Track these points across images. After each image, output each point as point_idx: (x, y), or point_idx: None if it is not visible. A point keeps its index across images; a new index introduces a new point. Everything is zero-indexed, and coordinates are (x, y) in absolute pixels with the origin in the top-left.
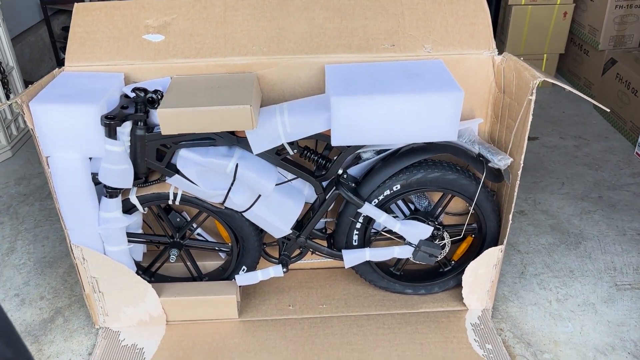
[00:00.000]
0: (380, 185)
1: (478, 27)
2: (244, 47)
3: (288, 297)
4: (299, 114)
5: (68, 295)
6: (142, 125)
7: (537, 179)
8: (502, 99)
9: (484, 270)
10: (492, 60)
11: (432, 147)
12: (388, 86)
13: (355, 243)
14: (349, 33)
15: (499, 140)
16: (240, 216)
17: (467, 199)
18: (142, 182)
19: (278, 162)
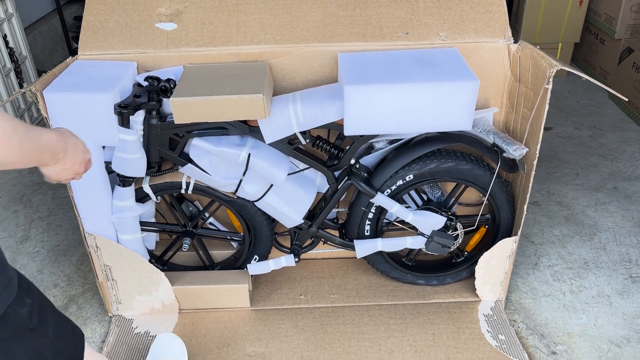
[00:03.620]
0: (393, 175)
1: (493, 14)
2: (256, 35)
3: (300, 287)
4: (311, 103)
5: (81, 283)
6: (155, 114)
7: (551, 169)
8: (517, 87)
9: (498, 262)
10: (508, 49)
11: (446, 137)
12: (402, 75)
13: (367, 233)
14: (363, 21)
15: (514, 129)
16: (252, 205)
17: (481, 190)
18: (155, 171)
19: (290, 152)
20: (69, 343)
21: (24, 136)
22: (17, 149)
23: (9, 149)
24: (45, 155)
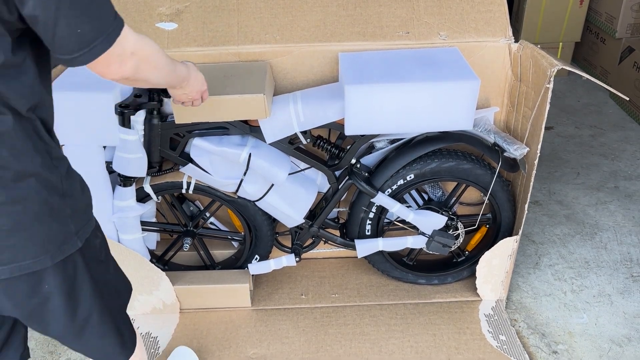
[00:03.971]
0: (393, 175)
1: (494, 14)
2: (257, 35)
3: (300, 287)
4: (312, 102)
5: None
6: (156, 114)
7: (552, 168)
8: (518, 87)
9: (498, 261)
10: (509, 48)
11: (447, 136)
12: (403, 74)
13: (368, 233)
14: (363, 20)
15: (515, 129)
16: (253, 205)
17: (481, 189)
18: (155, 171)
19: (291, 152)
20: (122, 288)
21: (171, 65)
22: (166, 75)
23: (163, 75)
24: (177, 80)
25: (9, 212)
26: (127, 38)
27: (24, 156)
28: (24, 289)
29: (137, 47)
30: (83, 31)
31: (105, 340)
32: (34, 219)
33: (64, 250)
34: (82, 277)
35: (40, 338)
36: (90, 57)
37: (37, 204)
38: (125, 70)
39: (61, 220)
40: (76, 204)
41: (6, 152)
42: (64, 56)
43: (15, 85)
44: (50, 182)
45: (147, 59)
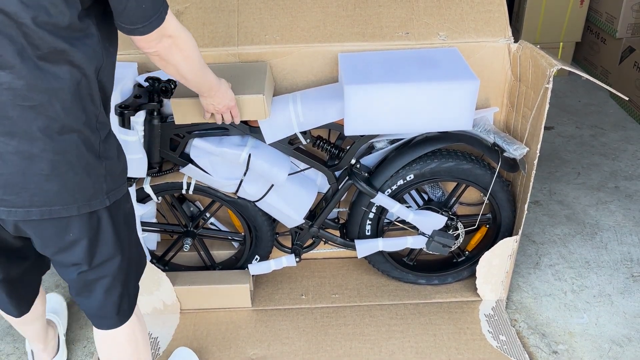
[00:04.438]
0: (393, 175)
1: (494, 14)
2: (257, 35)
3: (300, 287)
4: (312, 103)
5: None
6: (156, 114)
7: (553, 168)
8: (518, 87)
9: (499, 261)
10: (508, 48)
11: (447, 137)
12: (402, 75)
13: (368, 233)
14: (363, 21)
15: (515, 129)
16: (253, 206)
17: (481, 189)
18: (156, 172)
19: (291, 152)
20: (138, 257)
21: (202, 67)
22: (195, 71)
23: (192, 71)
24: (205, 84)
25: (50, 159)
26: (170, 21)
27: (73, 113)
28: (52, 231)
29: (176, 32)
30: (146, 7)
31: (108, 298)
32: (70, 169)
33: (92, 205)
34: (106, 233)
35: None
36: (148, 29)
37: (74, 157)
38: (160, 46)
39: (94, 178)
40: (111, 166)
41: (59, 107)
42: (128, 26)
43: (80, 45)
44: (90, 142)
45: (181, 46)
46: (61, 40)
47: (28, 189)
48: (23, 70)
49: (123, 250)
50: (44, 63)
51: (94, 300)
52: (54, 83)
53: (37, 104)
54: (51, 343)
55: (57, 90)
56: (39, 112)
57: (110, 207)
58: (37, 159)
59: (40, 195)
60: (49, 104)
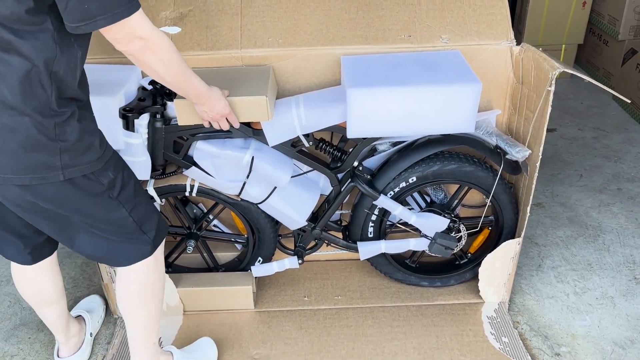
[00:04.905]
0: (396, 178)
1: (496, 17)
2: (260, 39)
3: (303, 289)
4: (314, 106)
5: (87, 285)
6: (160, 117)
7: (555, 171)
8: (520, 90)
9: (501, 263)
10: (511, 51)
11: (449, 139)
12: (405, 78)
13: (371, 235)
14: (365, 24)
15: (517, 131)
16: (256, 208)
17: (484, 191)
18: (159, 174)
19: (294, 154)
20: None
21: (183, 71)
22: (174, 76)
23: (171, 74)
24: (190, 92)
25: (1, 135)
26: (138, 24)
27: (21, 98)
28: (14, 194)
29: (148, 35)
30: (89, 7)
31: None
32: (20, 147)
33: (46, 178)
34: (69, 201)
35: None
36: (90, 28)
37: (24, 136)
38: (131, 47)
39: (46, 155)
40: (68, 147)
41: (7, 91)
42: (70, 24)
43: (29, 38)
44: (43, 125)
45: (154, 49)
46: (8, 32)
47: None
48: None
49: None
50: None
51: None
52: (2, 69)
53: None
54: (74, 339)
55: (5, 75)
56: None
57: (74, 181)
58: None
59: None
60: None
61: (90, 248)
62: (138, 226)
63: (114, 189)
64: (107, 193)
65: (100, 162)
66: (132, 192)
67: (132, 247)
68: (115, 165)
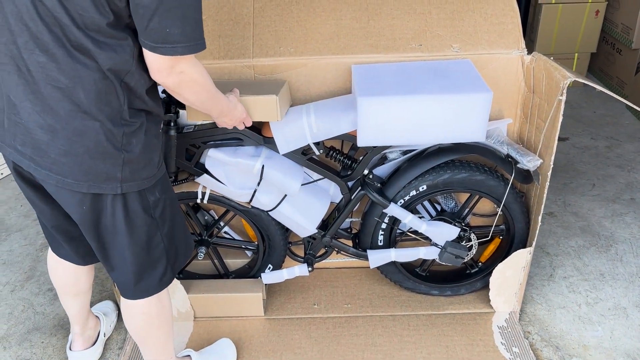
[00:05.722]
0: (406, 186)
1: (507, 26)
2: (271, 48)
3: (313, 296)
4: (325, 114)
5: (99, 290)
6: (173, 125)
7: (567, 180)
8: (531, 99)
9: (512, 273)
10: (522, 60)
11: (460, 148)
12: (415, 86)
13: (381, 243)
14: (376, 33)
15: (529, 140)
16: (267, 215)
17: (495, 200)
18: (172, 181)
19: (304, 162)
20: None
21: (212, 98)
22: (203, 102)
23: (201, 102)
24: (216, 112)
25: (69, 138)
26: (187, 58)
27: (95, 104)
28: (69, 200)
29: (187, 70)
30: (171, 32)
31: (120, 274)
32: (86, 152)
33: (102, 188)
34: (115, 216)
35: None
36: (169, 52)
37: (92, 142)
38: (169, 81)
39: (109, 164)
40: (131, 158)
41: (83, 95)
42: (149, 42)
43: (107, 50)
44: (112, 133)
45: (190, 84)
46: (89, 40)
47: (49, 156)
48: (57, 55)
49: (135, 238)
50: (77, 52)
51: (111, 271)
52: (81, 72)
53: (64, 87)
54: (89, 332)
55: (83, 79)
56: (64, 94)
57: (126, 195)
58: (59, 134)
59: (57, 165)
60: (73, 89)
61: (119, 267)
62: (165, 251)
63: (156, 208)
64: (150, 211)
65: (153, 179)
66: (170, 215)
67: (151, 277)
68: (163, 185)
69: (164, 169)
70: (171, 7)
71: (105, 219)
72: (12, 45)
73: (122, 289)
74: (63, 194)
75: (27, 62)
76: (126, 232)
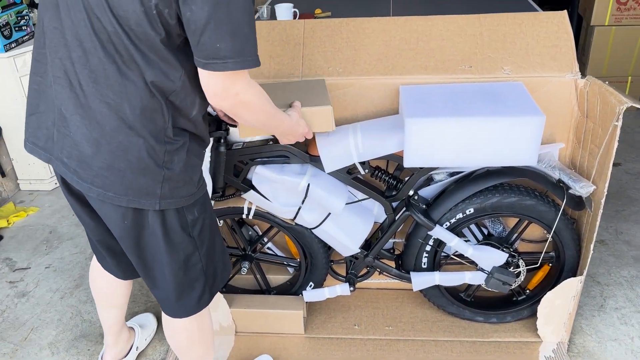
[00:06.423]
0: (452, 208)
1: (561, 49)
2: (320, 68)
3: (354, 316)
4: (371, 134)
5: (144, 301)
6: (223, 142)
7: (620, 207)
8: (585, 123)
9: (561, 302)
10: (575, 84)
11: (510, 171)
12: (464, 108)
13: (425, 266)
14: (425, 54)
15: (581, 166)
16: (310, 233)
17: (545, 226)
18: (219, 196)
19: (349, 181)
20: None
21: (272, 118)
22: (264, 124)
23: (261, 123)
24: (277, 131)
25: (112, 152)
26: (242, 78)
27: (140, 120)
28: (111, 214)
29: (244, 91)
30: (220, 47)
31: (162, 292)
32: (128, 167)
33: (142, 203)
34: (154, 235)
35: None
36: (220, 68)
37: (135, 158)
38: (225, 104)
39: (150, 180)
40: (171, 175)
41: (129, 111)
42: (201, 59)
43: (154, 68)
44: (154, 150)
45: (247, 105)
46: (139, 55)
47: (92, 169)
48: (108, 70)
49: (174, 256)
50: (126, 68)
51: (151, 288)
52: (129, 88)
53: (112, 103)
54: (121, 345)
55: (129, 95)
56: (111, 109)
57: (164, 212)
58: (103, 148)
59: (99, 179)
60: (120, 105)
61: (159, 285)
62: (203, 271)
63: (195, 227)
64: (188, 230)
65: (192, 198)
66: (209, 236)
67: (190, 297)
68: (202, 204)
69: (204, 188)
70: (221, 23)
71: (146, 236)
72: (67, 60)
73: (164, 306)
74: (106, 209)
75: (79, 76)
76: (165, 249)
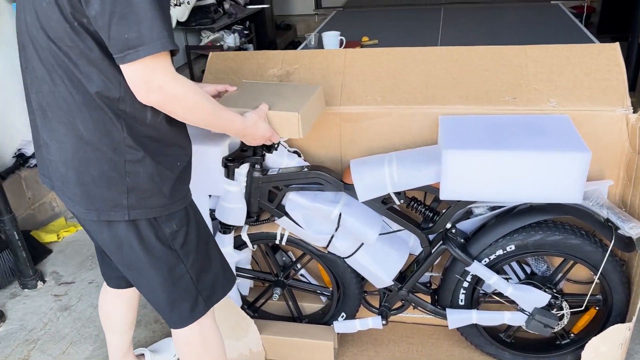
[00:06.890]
0: (492, 244)
1: (611, 82)
2: (358, 96)
3: (387, 352)
4: (407, 165)
5: None
6: (259, 167)
7: None
8: (636, 160)
9: (608, 349)
10: (626, 119)
11: (554, 208)
12: (506, 141)
13: (462, 303)
14: (467, 84)
15: (632, 205)
16: (343, 262)
17: (591, 267)
18: (253, 221)
19: (384, 211)
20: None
21: (214, 113)
22: (206, 121)
23: (202, 120)
24: (226, 129)
25: (76, 169)
26: (161, 69)
27: (95, 135)
28: (92, 228)
29: (167, 82)
30: (129, 37)
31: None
32: (92, 181)
33: (111, 215)
34: (132, 245)
35: None
36: (134, 57)
37: (96, 171)
38: (151, 100)
39: (114, 192)
40: (135, 186)
41: (82, 127)
42: (116, 54)
43: (96, 79)
44: (113, 161)
45: (176, 99)
46: (78, 71)
47: (69, 187)
48: (61, 92)
49: (157, 267)
50: (72, 87)
51: (147, 299)
52: (77, 105)
53: (67, 122)
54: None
55: (80, 112)
56: (68, 128)
57: (137, 223)
58: (69, 166)
59: (74, 195)
60: (74, 123)
61: (150, 296)
62: (193, 283)
63: (175, 240)
64: (168, 242)
65: (165, 210)
66: (195, 248)
67: (181, 308)
68: (183, 218)
69: (183, 202)
70: (124, 13)
71: (125, 248)
72: (39, 94)
73: (162, 316)
74: (88, 224)
75: (44, 104)
76: (147, 262)
